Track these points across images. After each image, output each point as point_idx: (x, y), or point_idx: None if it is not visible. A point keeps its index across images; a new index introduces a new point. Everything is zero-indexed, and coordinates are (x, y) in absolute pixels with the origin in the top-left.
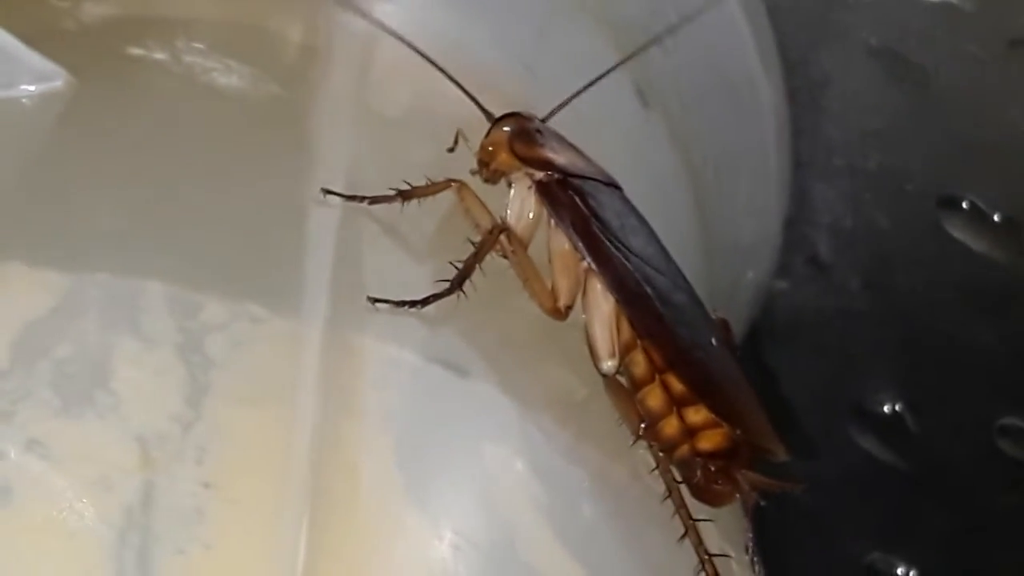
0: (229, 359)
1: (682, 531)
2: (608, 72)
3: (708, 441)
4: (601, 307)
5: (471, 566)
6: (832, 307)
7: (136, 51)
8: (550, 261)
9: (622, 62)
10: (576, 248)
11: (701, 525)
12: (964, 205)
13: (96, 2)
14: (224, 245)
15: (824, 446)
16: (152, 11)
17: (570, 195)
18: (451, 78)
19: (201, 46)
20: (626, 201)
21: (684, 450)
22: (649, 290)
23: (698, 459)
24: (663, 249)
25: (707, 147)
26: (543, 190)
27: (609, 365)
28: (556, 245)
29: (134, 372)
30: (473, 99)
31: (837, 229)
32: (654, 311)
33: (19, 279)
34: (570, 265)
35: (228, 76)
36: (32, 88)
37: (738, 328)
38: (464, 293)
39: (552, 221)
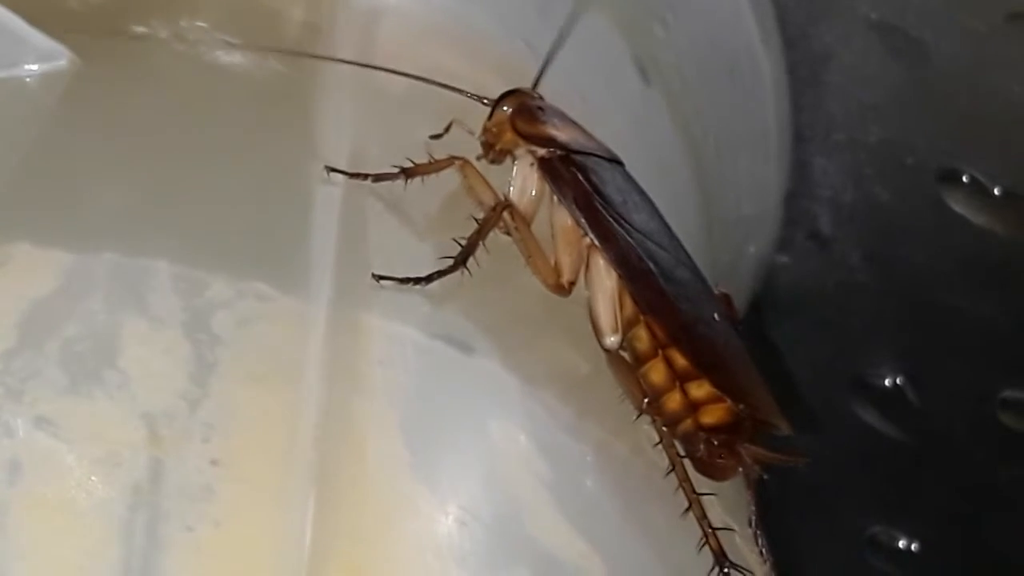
0: (235, 337)
1: (685, 505)
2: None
3: (711, 415)
4: (604, 283)
5: (477, 541)
6: (833, 281)
7: (140, 30)
8: (553, 238)
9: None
10: (579, 224)
11: (705, 499)
12: (964, 179)
13: None
14: (229, 223)
15: (825, 419)
16: None
17: (572, 171)
18: (439, 84)
19: (205, 24)
20: (629, 177)
21: (687, 424)
22: (651, 265)
23: (701, 433)
24: (666, 225)
25: (708, 122)
26: (545, 166)
27: (612, 340)
28: (559, 221)
29: (141, 350)
30: (465, 92)
31: (838, 203)
32: (656, 286)
33: (25, 259)
34: (573, 241)
35: (232, 54)
36: (36, 67)
37: (740, 302)
38: (468, 270)
39: (555, 197)
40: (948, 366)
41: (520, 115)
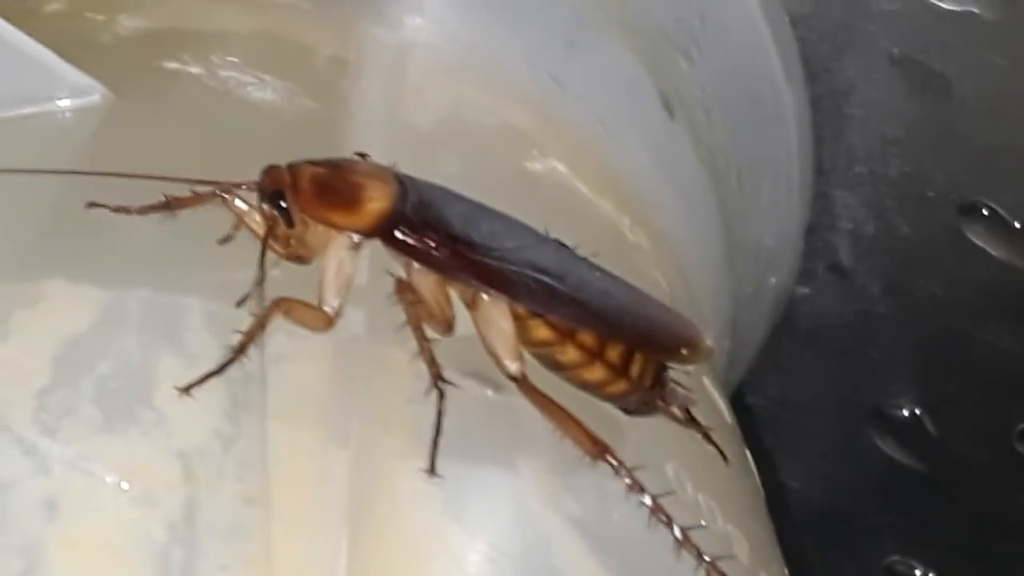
0: (268, 375)
1: (717, 544)
2: None
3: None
4: (496, 319)
5: None
6: (853, 312)
7: (172, 65)
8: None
9: None
10: (464, 285)
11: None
12: (984, 212)
13: (131, 15)
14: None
15: (844, 449)
16: (186, 24)
17: (419, 235)
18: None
19: (236, 60)
20: (450, 193)
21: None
22: (548, 280)
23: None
24: (497, 214)
25: (731, 155)
26: (391, 243)
27: (515, 367)
28: (423, 283)
29: (176, 388)
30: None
31: (859, 235)
32: (567, 298)
33: (60, 295)
34: (442, 295)
35: (263, 90)
36: (70, 102)
37: (760, 333)
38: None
39: (413, 266)
40: (967, 397)
41: (315, 200)
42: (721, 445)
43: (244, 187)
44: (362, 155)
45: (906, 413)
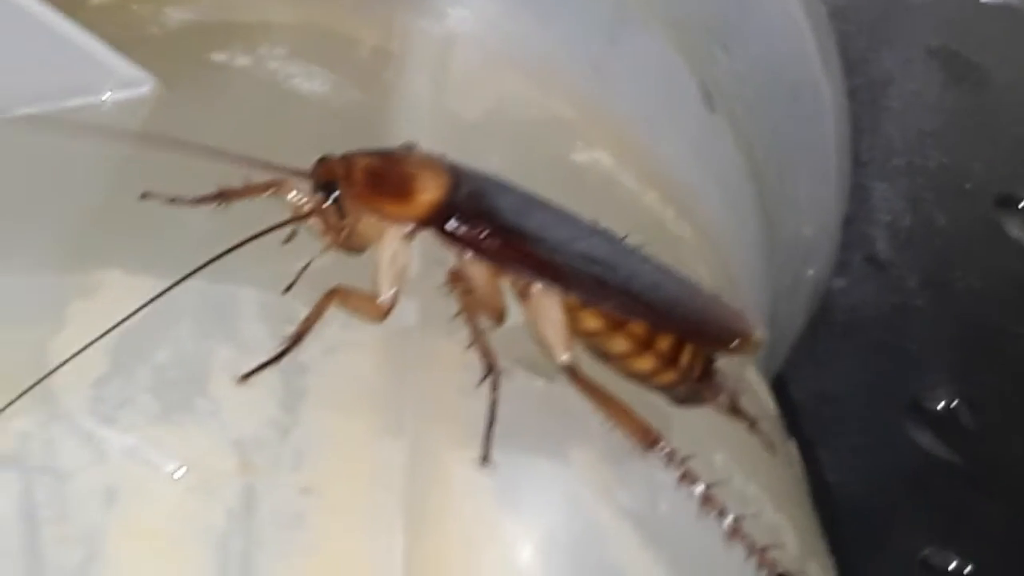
0: (322, 365)
1: (769, 532)
2: None
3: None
4: (547, 309)
5: (559, 567)
6: (890, 304)
7: (220, 57)
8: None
9: None
10: (519, 276)
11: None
12: (1021, 204)
13: (177, 7)
14: (312, 251)
15: (879, 441)
16: (232, 16)
17: (473, 227)
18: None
19: (283, 52)
20: (501, 183)
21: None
22: (599, 270)
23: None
24: (549, 206)
25: (770, 147)
26: (444, 236)
27: (567, 357)
28: (476, 275)
29: (231, 378)
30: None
31: (896, 227)
32: (613, 288)
33: (116, 286)
34: (495, 285)
35: (310, 81)
36: (120, 94)
37: (797, 325)
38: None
39: (466, 257)
40: (1003, 389)
41: (368, 190)
42: (767, 436)
43: (298, 178)
44: (410, 146)
45: (942, 405)
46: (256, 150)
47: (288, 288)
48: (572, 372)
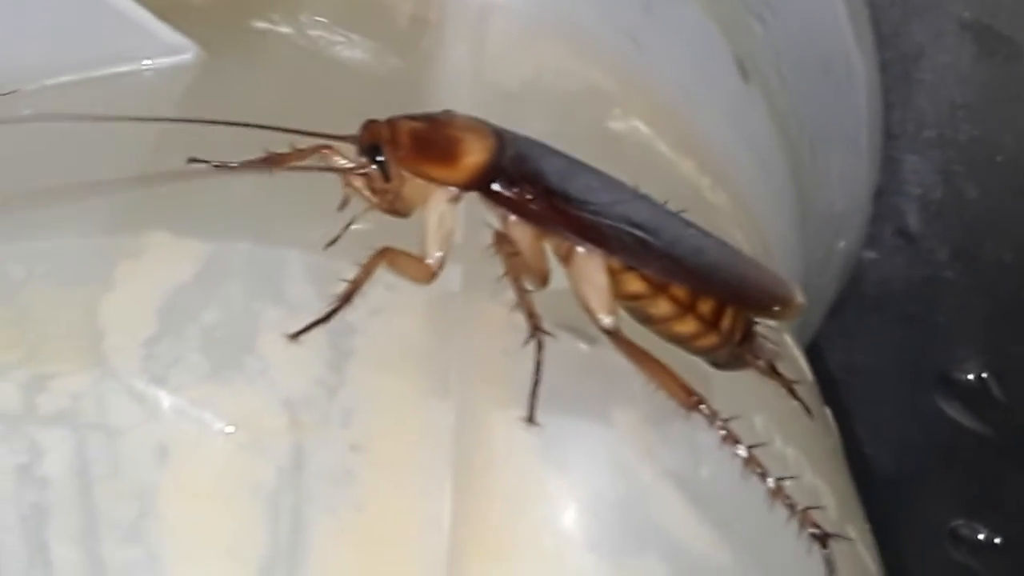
0: (368, 326)
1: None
2: None
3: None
4: (590, 271)
5: (606, 526)
6: (920, 277)
7: (262, 24)
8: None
9: None
10: (562, 238)
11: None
12: None
13: None
14: (356, 214)
15: (910, 413)
16: None
17: (517, 189)
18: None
19: (324, 20)
20: (545, 147)
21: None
22: (641, 234)
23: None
24: (592, 170)
25: (803, 119)
26: (491, 197)
27: (609, 321)
28: (521, 237)
29: (279, 337)
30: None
31: (927, 200)
32: (660, 252)
33: (162, 248)
34: (539, 247)
35: (351, 49)
36: (163, 61)
37: (828, 297)
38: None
39: (510, 218)
40: None
41: (413, 154)
42: (805, 400)
43: (343, 141)
44: (447, 112)
45: (972, 378)
46: (298, 117)
47: (331, 243)
48: (615, 335)
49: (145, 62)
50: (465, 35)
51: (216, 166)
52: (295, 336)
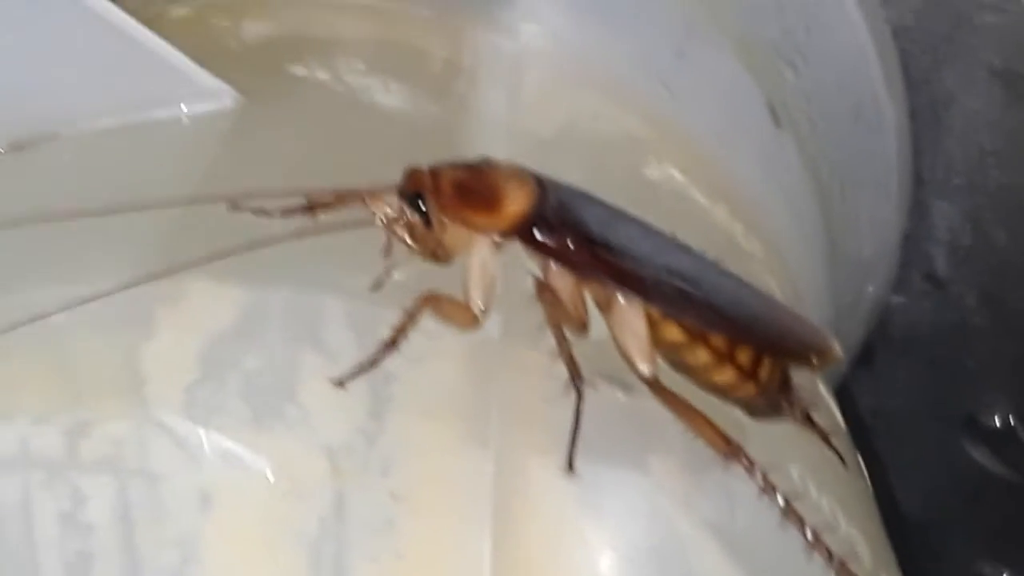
0: (408, 374)
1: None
2: None
3: (770, 376)
4: (630, 320)
5: (642, 574)
6: (947, 321)
7: (299, 70)
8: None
9: None
10: (601, 287)
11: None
12: None
13: (255, 21)
14: (396, 261)
15: (936, 456)
16: (308, 30)
17: (557, 235)
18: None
19: (361, 66)
20: (585, 195)
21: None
22: (681, 284)
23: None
24: (633, 219)
25: (834, 164)
26: (535, 245)
27: (648, 368)
28: (560, 284)
29: (319, 385)
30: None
31: (955, 245)
32: (699, 301)
33: (203, 294)
34: (578, 295)
35: (388, 95)
36: (201, 106)
37: (856, 341)
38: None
39: (551, 266)
40: None
41: (456, 202)
42: (839, 449)
43: (386, 192)
44: (486, 159)
45: (999, 422)
46: (334, 162)
47: (376, 288)
48: (654, 383)
49: (186, 107)
50: (500, 81)
51: (256, 212)
52: (339, 382)
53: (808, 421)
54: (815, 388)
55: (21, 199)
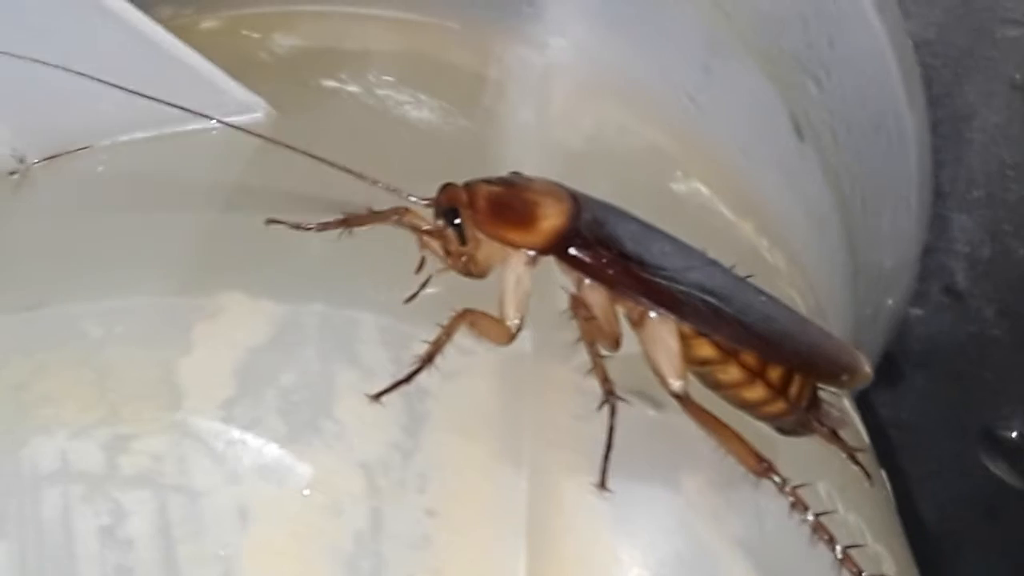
0: (442, 390)
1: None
2: None
3: (800, 393)
4: (662, 336)
5: None
6: (966, 334)
7: (330, 83)
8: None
9: None
10: (634, 303)
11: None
12: None
13: (286, 34)
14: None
15: (954, 469)
16: (338, 43)
17: (594, 251)
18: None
19: (390, 78)
20: (620, 211)
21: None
22: (713, 300)
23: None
24: (666, 236)
25: (856, 178)
26: (570, 261)
27: (679, 385)
28: (595, 300)
29: (354, 401)
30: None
31: (974, 258)
32: (730, 319)
33: (238, 309)
34: (611, 311)
35: (418, 108)
36: (235, 118)
37: (874, 353)
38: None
39: (585, 282)
40: None
41: (491, 218)
42: (865, 466)
43: (422, 206)
44: (516, 174)
45: (1017, 435)
46: (369, 174)
47: (410, 299)
48: (685, 399)
49: (218, 119)
50: (528, 95)
51: (292, 226)
52: (376, 397)
53: (835, 438)
54: (842, 405)
55: (54, 209)
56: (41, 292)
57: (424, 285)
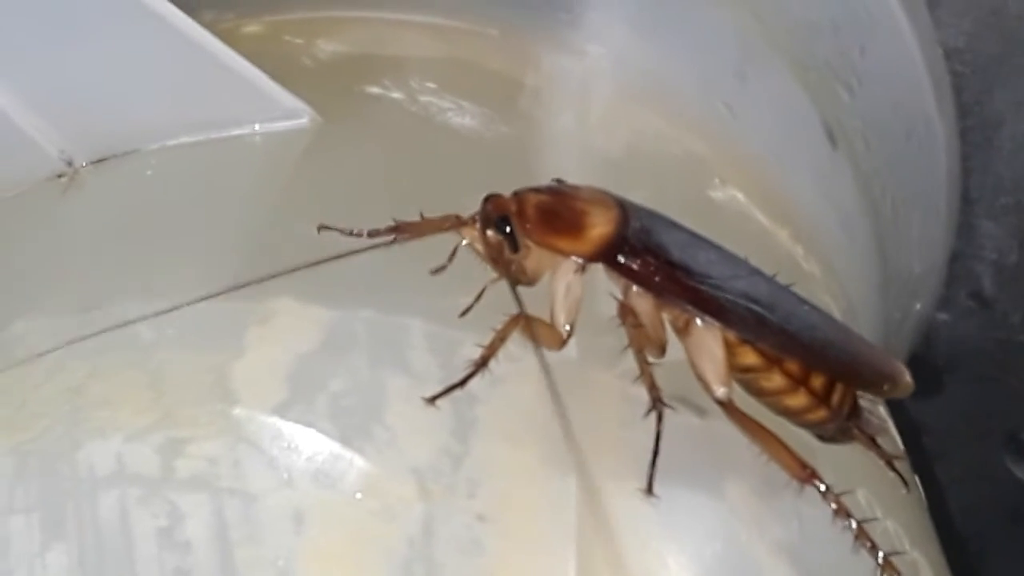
0: (490, 396)
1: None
2: None
3: (842, 401)
4: (707, 343)
5: None
6: (992, 340)
7: (374, 90)
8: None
9: None
10: (681, 311)
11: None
12: None
13: (328, 39)
14: (472, 283)
15: (978, 473)
16: (379, 49)
17: (641, 259)
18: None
19: (433, 85)
20: (665, 219)
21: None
22: (758, 308)
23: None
24: (712, 244)
25: (886, 184)
26: (615, 268)
27: (723, 391)
28: (641, 307)
29: (405, 407)
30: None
31: (1001, 265)
32: (774, 327)
33: (289, 314)
34: (657, 318)
35: (460, 115)
36: (280, 124)
37: (901, 357)
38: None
39: (633, 289)
40: None
41: (541, 226)
42: (903, 473)
43: (471, 215)
44: (559, 181)
45: None
46: (409, 181)
47: (465, 312)
48: (729, 406)
49: (264, 125)
50: (567, 101)
51: (345, 233)
52: (431, 401)
53: (874, 445)
54: (879, 412)
55: (103, 212)
56: (92, 295)
57: (479, 296)
